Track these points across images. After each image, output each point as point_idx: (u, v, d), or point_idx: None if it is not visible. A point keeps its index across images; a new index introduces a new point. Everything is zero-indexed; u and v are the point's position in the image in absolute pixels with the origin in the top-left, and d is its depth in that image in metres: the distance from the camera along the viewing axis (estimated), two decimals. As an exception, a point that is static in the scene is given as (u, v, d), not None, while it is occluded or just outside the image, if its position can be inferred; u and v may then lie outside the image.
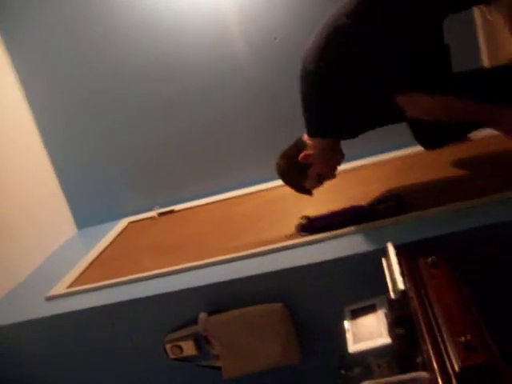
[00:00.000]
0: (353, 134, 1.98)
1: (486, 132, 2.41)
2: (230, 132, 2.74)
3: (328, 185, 2.48)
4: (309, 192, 2.06)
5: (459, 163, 2.20)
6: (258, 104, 2.66)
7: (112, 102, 2.77)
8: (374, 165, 2.53)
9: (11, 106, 2.71)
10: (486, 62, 2.47)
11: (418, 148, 2.25)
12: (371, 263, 1.67)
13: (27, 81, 2.78)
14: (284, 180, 2.09)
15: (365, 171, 2.49)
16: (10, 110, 2.69)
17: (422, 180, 2.14)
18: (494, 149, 2.24)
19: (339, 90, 1.78)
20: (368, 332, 1.50)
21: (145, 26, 2.62)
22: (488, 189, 1.87)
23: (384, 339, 1.44)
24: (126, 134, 2.81)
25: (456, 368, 1.07)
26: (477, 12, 2.41)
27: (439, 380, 1.09)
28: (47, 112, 2.82)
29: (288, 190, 2.55)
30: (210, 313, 1.86)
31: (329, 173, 2.03)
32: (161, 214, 2.76)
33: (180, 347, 1.91)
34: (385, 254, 1.60)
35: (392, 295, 1.45)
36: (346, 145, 1.96)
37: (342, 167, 2.57)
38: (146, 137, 2.80)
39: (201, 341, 1.91)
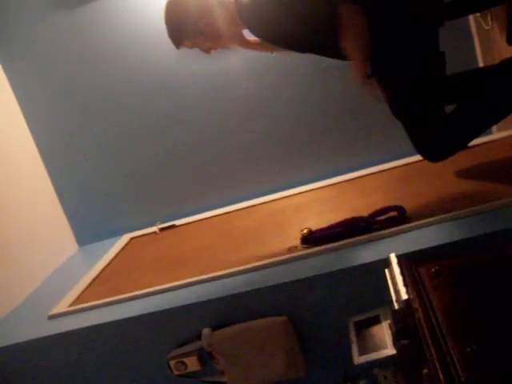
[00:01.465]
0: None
1: (485, 139, 2.42)
2: (230, 146, 2.74)
3: (329, 196, 2.48)
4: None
5: (459, 171, 2.21)
6: (256, 118, 2.67)
7: (111, 118, 2.78)
8: (374, 175, 2.53)
9: (11, 126, 2.72)
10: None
11: (418, 157, 2.25)
12: (374, 274, 1.67)
13: (26, 101, 2.79)
14: (177, 18, 1.86)
15: (365, 182, 2.49)
16: (9, 130, 2.70)
17: (423, 189, 2.14)
18: (493, 156, 2.25)
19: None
20: (373, 343, 1.50)
21: (142, 42, 2.64)
22: (488, 196, 1.87)
23: (389, 350, 1.44)
24: (126, 150, 2.81)
25: (462, 379, 1.06)
26: (473, 22, 2.43)
27: (446, 391, 1.08)
28: (46, 130, 2.83)
29: (289, 202, 2.56)
30: (214, 328, 1.85)
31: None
32: (162, 229, 2.75)
33: (184, 363, 1.90)
34: (387, 264, 1.60)
35: (395, 306, 1.45)
36: (345, 155, 1.96)
37: (342, 178, 2.59)
38: (145, 152, 2.80)
39: (205, 356, 1.90)
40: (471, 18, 2.42)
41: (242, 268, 1.97)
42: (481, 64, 2.46)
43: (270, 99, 2.61)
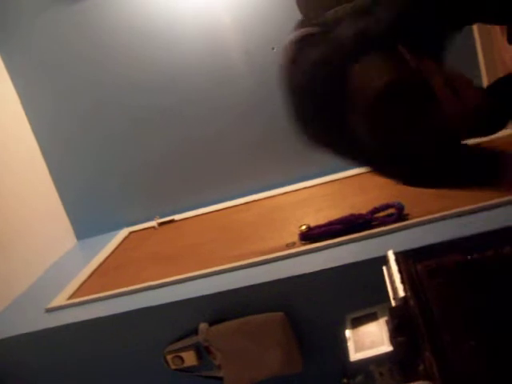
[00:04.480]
0: None
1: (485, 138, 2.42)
2: (229, 141, 2.74)
3: (328, 193, 2.48)
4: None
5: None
6: (256, 113, 2.67)
7: (111, 113, 2.77)
8: (373, 172, 2.52)
9: (10, 118, 2.72)
10: (483, 69, 2.47)
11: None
12: (372, 271, 1.67)
13: (26, 94, 2.79)
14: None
15: (364, 179, 2.48)
16: (8, 123, 2.69)
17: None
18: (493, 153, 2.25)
19: None
20: (369, 340, 1.50)
21: (142, 38, 2.63)
22: (488, 194, 1.87)
23: (385, 347, 1.44)
24: (125, 144, 2.81)
25: (458, 375, 1.07)
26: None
27: (441, 388, 1.09)
28: (46, 124, 2.83)
29: (287, 198, 2.56)
30: (211, 323, 1.85)
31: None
32: (161, 224, 2.75)
33: (181, 358, 1.90)
34: (385, 261, 1.60)
35: (393, 303, 1.45)
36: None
37: (340, 174, 2.58)
38: (145, 147, 2.80)
39: (202, 351, 1.91)
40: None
41: (239, 263, 1.97)
42: (481, 62, 2.46)
43: (269, 95, 2.60)
